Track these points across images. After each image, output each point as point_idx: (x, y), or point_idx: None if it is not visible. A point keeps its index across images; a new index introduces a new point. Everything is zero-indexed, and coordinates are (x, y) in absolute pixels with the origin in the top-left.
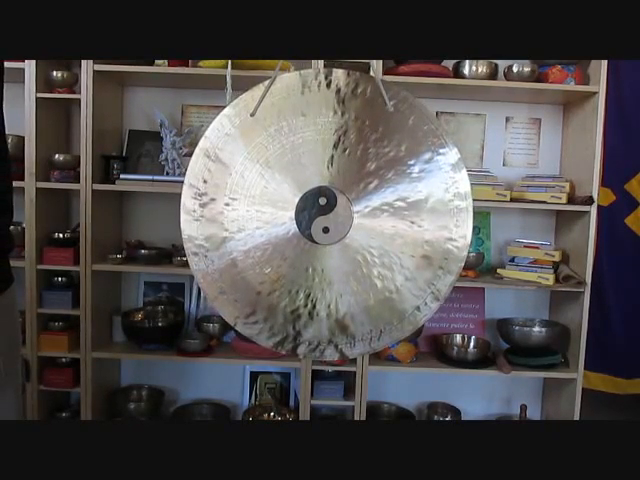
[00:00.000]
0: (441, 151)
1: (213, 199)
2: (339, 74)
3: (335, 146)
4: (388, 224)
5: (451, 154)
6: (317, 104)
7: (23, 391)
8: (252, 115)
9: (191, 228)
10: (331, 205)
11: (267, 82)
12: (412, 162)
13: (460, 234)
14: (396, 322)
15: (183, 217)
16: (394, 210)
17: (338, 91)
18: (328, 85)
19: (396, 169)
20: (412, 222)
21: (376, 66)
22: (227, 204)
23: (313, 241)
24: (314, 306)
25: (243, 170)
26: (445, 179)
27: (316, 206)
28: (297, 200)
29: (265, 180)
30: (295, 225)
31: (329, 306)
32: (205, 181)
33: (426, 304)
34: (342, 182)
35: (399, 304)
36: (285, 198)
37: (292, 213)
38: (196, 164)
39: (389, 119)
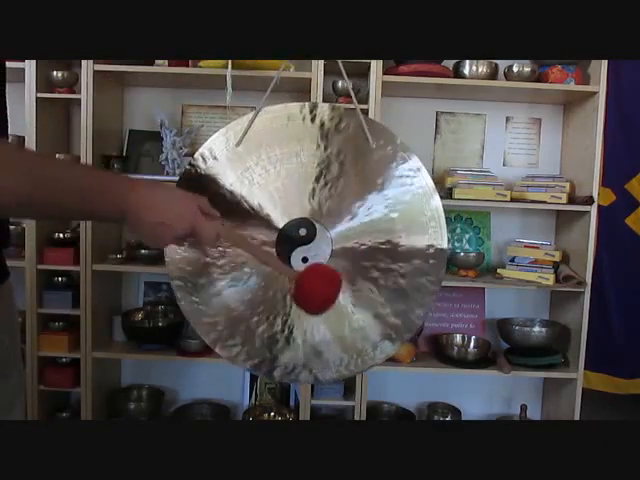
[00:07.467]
0: (421, 191)
1: None
2: (324, 108)
3: (317, 179)
4: (365, 256)
5: (430, 191)
6: (301, 137)
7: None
8: (237, 145)
9: (174, 252)
10: (311, 236)
11: (252, 114)
12: (391, 198)
13: (435, 268)
14: (368, 350)
15: None
16: (371, 243)
17: (322, 125)
18: (313, 119)
19: (374, 204)
20: (388, 255)
21: (376, 66)
22: None
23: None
24: (291, 332)
25: (226, 198)
26: (423, 216)
27: (296, 237)
28: (278, 230)
29: (248, 209)
30: (275, 254)
31: (305, 333)
32: None
33: (398, 334)
34: (322, 214)
35: (372, 334)
36: (267, 228)
37: (273, 242)
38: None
39: (371, 155)
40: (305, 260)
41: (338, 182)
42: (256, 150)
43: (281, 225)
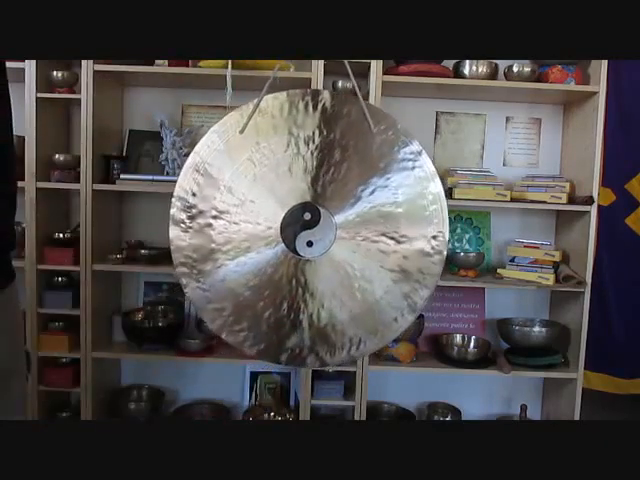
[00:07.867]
0: (421, 174)
1: (201, 212)
2: (325, 95)
3: (320, 164)
4: (369, 239)
5: (430, 174)
6: (304, 123)
7: (26, 379)
8: (241, 132)
9: (179, 239)
10: (315, 220)
11: (256, 100)
12: (393, 182)
13: (437, 250)
14: (374, 332)
15: (172, 228)
16: (374, 226)
17: (324, 112)
18: (315, 106)
19: (377, 188)
20: (392, 238)
21: (376, 66)
22: (215, 217)
23: (297, 254)
24: (297, 316)
25: (231, 185)
26: (424, 199)
27: (301, 221)
28: (283, 215)
29: (252, 195)
30: (280, 239)
31: (311, 316)
32: (194, 194)
33: (403, 315)
34: (326, 199)
35: (378, 315)
36: (271, 213)
37: (278, 227)
38: (185, 178)
39: (373, 140)
40: (310, 244)
41: (341, 166)
42: (258, 136)
43: (285, 210)
